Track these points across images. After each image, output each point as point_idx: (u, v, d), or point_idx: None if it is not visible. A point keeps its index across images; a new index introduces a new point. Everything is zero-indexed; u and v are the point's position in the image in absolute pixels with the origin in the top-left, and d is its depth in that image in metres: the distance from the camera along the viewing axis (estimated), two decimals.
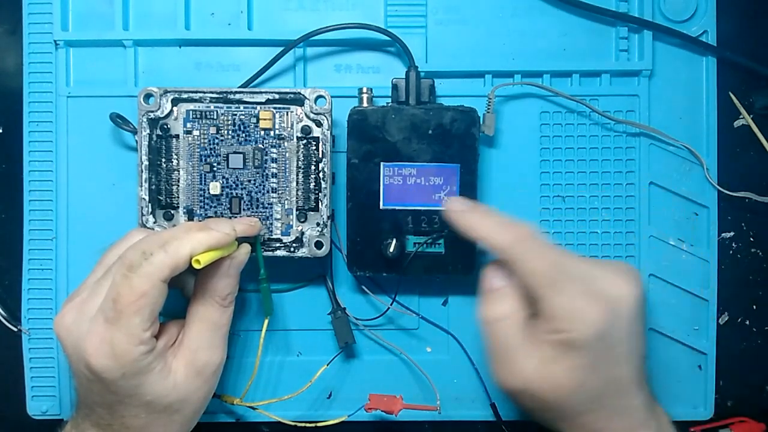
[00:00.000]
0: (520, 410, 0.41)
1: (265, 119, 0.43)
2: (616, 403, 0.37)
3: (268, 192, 0.43)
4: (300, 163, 0.43)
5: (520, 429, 0.48)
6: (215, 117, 0.43)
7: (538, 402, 0.37)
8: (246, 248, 0.40)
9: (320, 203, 0.43)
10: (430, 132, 0.43)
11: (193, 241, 0.36)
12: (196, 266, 0.36)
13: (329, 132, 0.43)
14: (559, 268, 0.36)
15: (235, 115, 0.43)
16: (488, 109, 0.45)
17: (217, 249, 0.37)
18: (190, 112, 0.43)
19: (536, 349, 0.36)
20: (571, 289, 0.35)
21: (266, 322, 0.43)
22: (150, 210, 0.43)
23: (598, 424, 0.37)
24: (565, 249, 0.39)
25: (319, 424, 0.45)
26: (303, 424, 0.45)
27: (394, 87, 0.44)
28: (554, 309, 0.35)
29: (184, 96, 0.43)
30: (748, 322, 0.49)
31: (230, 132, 0.43)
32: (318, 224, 0.43)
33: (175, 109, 0.43)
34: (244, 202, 0.43)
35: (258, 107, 0.43)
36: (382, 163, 0.43)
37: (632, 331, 0.36)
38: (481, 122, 0.44)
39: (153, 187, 0.43)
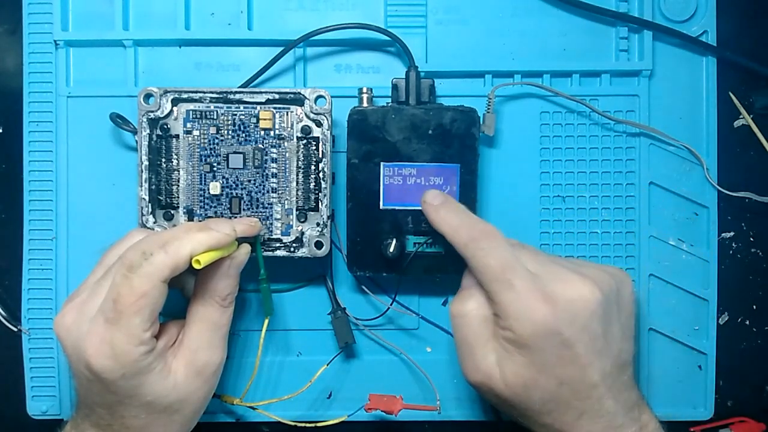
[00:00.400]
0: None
1: (265, 119, 0.43)
2: (581, 404, 0.36)
3: (268, 192, 0.43)
4: (300, 163, 0.43)
5: (520, 429, 0.47)
6: (215, 117, 0.43)
7: (497, 398, 0.38)
8: (246, 248, 0.40)
9: (320, 203, 0.43)
10: (430, 132, 0.43)
11: (193, 241, 0.36)
12: (196, 266, 0.36)
13: (329, 132, 0.43)
14: (509, 266, 0.36)
15: (235, 115, 0.43)
16: (488, 109, 0.45)
17: (217, 249, 0.37)
18: (190, 112, 0.43)
19: (494, 345, 0.37)
20: (519, 287, 0.36)
21: (266, 322, 0.43)
22: (150, 210, 0.43)
23: (563, 426, 0.37)
24: (534, 249, 0.40)
25: (319, 424, 0.45)
26: (303, 424, 0.45)
27: (394, 87, 0.44)
28: (503, 306, 0.36)
29: (184, 96, 0.43)
30: (748, 322, 0.49)
31: (230, 132, 0.43)
32: (318, 224, 0.43)
33: (175, 109, 0.43)
34: (244, 202, 0.43)
35: (258, 107, 0.43)
36: (382, 163, 0.43)
37: (593, 333, 0.36)
38: (481, 122, 0.44)
39: (153, 187, 0.43)
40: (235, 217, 0.43)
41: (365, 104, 0.44)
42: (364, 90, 0.44)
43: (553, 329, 0.35)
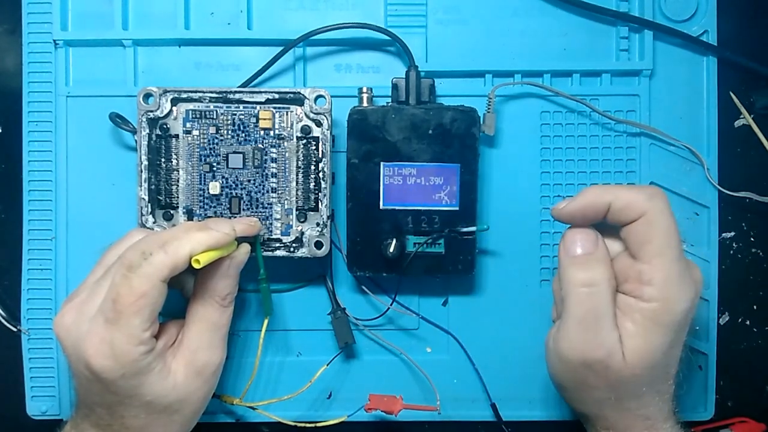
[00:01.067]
0: (569, 386, 0.39)
1: (264, 119, 0.43)
2: (663, 387, 0.38)
3: (267, 192, 0.43)
4: (300, 162, 0.43)
5: (520, 429, 0.47)
6: (215, 117, 0.43)
7: (604, 377, 0.36)
8: (246, 248, 0.40)
9: (320, 203, 0.43)
10: (430, 132, 0.43)
11: (193, 241, 0.36)
12: (196, 266, 0.36)
13: (329, 132, 0.43)
14: (674, 238, 0.35)
15: (235, 114, 0.43)
16: (488, 109, 0.45)
17: (217, 249, 0.37)
18: (190, 111, 0.43)
19: (624, 320, 0.36)
20: (681, 264, 0.36)
21: (266, 322, 0.42)
22: (149, 210, 0.43)
23: (642, 410, 0.37)
24: None
25: (318, 425, 0.44)
26: (303, 425, 0.45)
27: (394, 87, 0.44)
28: (660, 279, 0.35)
29: (184, 96, 0.43)
30: (748, 322, 0.49)
31: (230, 132, 0.43)
32: (318, 224, 0.43)
33: (174, 108, 0.43)
34: (244, 202, 0.43)
35: (258, 107, 0.43)
36: (382, 163, 0.43)
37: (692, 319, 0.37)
38: (481, 122, 0.44)
39: (152, 187, 0.43)
40: (235, 217, 0.43)
41: (365, 104, 0.44)
42: (364, 90, 0.44)
43: (691, 309, 0.36)
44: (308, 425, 0.45)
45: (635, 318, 0.36)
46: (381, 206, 0.43)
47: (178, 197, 0.43)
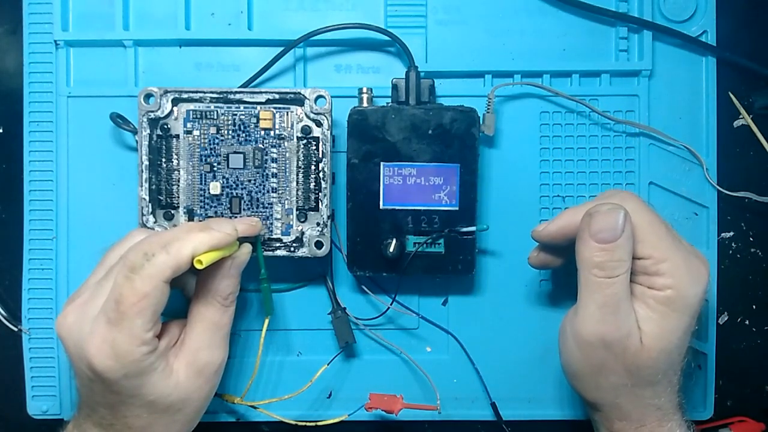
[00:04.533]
0: (585, 371, 0.39)
1: (265, 119, 0.43)
2: (674, 378, 0.39)
3: (268, 192, 0.43)
4: (300, 163, 0.43)
5: (520, 429, 0.48)
6: (215, 117, 0.43)
7: (622, 360, 0.37)
8: (247, 248, 0.40)
9: (320, 203, 0.43)
10: (430, 132, 0.43)
11: (195, 241, 0.36)
12: (198, 267, 0.36)
13: (329, 132, 0.43)
14: (659, 229, 0.37)
15: (236, 115, 0.43)
16: (488, 109, 0.45)
17: (219, 249, 0.37)
18: (191, 112, 0.43)
19: (639, 306, 0.37)
20: (687, 248, 0.38)
21: (266, 322, 0.43)
22: (150, 210, 0.43)
23: (655, 399, 0.38)
24: None
25: (319, 423, 0.45)
26: (303, 424, 0.45)
27: (394, 87, 0.44)
28: (671, 264, 0.36)
29: (185, 96, 0.43)
30: (748, 322, 0.49)
31: (230, 132, 0.43)
32: (318, 224, 0.43)
33: (175, 109, 0.43)
34: (244, 202, 0.43)
35: (258, 107, 0.43)
36: (382, 163, 0.43)
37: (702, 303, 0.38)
38: (481, 122, 0.44)
39: (153, 187, 0.43)
40: (236, 217, 0.43)
41: (365, 104, 0.44)
42: (364, 90, 0.44)
43: (702, 293, 0.37)
44: (309, 424, 0.45)
45: (650, 303, 0.37)
46: (381, 206, 0.43)
47: (178, 197, 0.43)
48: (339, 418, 0.45)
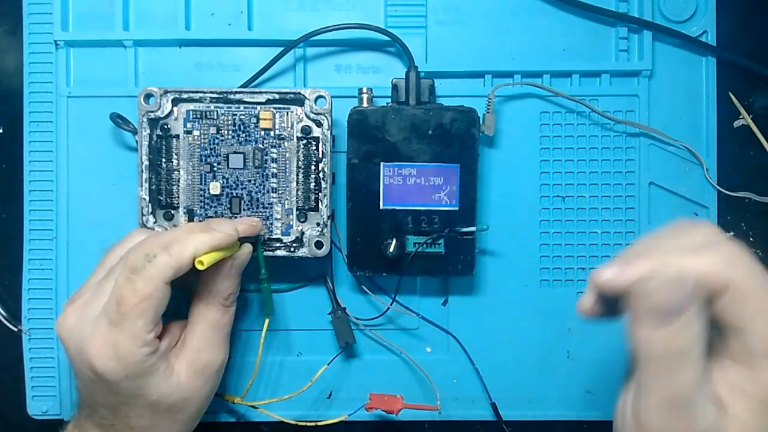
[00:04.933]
0: None
1: (265, 119, 0.43)
2: None
3: (268, 192, 0.43)
4: (300, 163, 0.43)
5: (520, 429, 0.48)
6: (215, 117, 0.43)
7: None
8: (248, 248, 0.40)
9: (320, 203, 0.43)
10: (430, 132, 0.43)
11: (196, 242, 0.36)
12: (200, 267, 0.36)
13: (329, 132, 0.43)
14: None
15: (236, 115, 0.43)
16: (488, 109, 0.45)
17: (220, 250, 0.37)
18: (191, 112, 0.43)
19: (729, 396, 0.28)
20: None
21: (266, 322, 0.43)
22: (150, 210, 0.43)
23: None
24: None
25: (319, 423, 0.45)
26: (303, 424, 0.45)
27: (394, 87, 0.44)
28: None
29: (185, 96, 0.43)
30: None
31: (230, 132, 0.43)
32: (318, 224, 0.43)
33: (175, 109, 0.43)
34: (244, 202, 0.43)
35: (258, 107, 0.43)
36: (382, 163, 0.43)
37: None
38: (481, 122, 0.44)
39: (153, 187, 0.43)
40: (236, 217, 0.43)
41: (365, 104, 0.44)
42: (364, 90, 0.44)
43: None
44: (309, 424, 0.45)
45: (746, 393, 0.28)
46: (381, 206, 0.43)
47: (178, 197, 0.43)
48: (339, 418, 0.45)
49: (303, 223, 0.43)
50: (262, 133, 0.43)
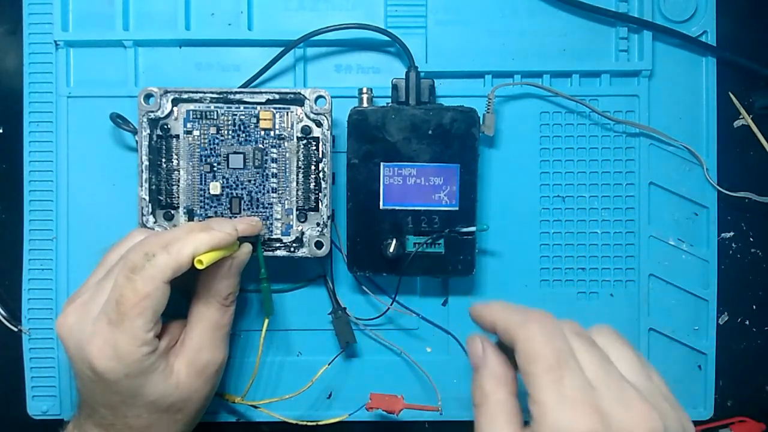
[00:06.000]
0: None
1: (265, 119, 0.43)
2: None
3: (268, 192, 0.43)
4: (300, 163, 0.43)
5: None
6: (215, 117, 0.43)
7: None
8: (247, 248, 0.40)
9: (320, 203, 0.43)
10: (430, 132, 0.43)
11: (196, 241, 0.36)
12: (199, 267, 0.36)
13: (329, 132, 0.43)
14: (563, 360, 0.29)
15: (236, 115, 0.43)
16: (488, 109, 0.45)
17: (219, 249, 0.37)
18: (191, 112, 0.43)
19: None
20: (569, 390, 0.28)
21: (266, 322, 0.43)
22: (150, 210, 0.43)
23: None
24: (599, 351, 0.31)
25: (320, 423, 0.45)
26: (304, 423, 0.45)
27: (394, 87, 0.44)
28: (541, 407, 0.28)
29: (185, 96, 0.43)
30: (748, 322, 0.49)
31: (230, 132, 0.43)
32: (318, 224, 0.43)
33: (175, 109, 0.43)
34: (244, 202, 0.43)
35: (258, 107, 0.43)
36: (382, 164, 0.43)
37: None
38: (481, 122, 0.44)
39: (153, 187, 0.43)
40: (236, 218, 0.43)
41: (365, 104, 0.44)
42: (364, 90, 0.44)
43: None
44: (309, 424, 0.45)
45: None
46: (381, 206, 0.43)
47: (178, 197, 0.43)
48: (339, 418, 0.45)
49: (303, 223, 0.43)
50: (262, 133, 0.43)
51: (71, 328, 0.37)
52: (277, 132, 0.43)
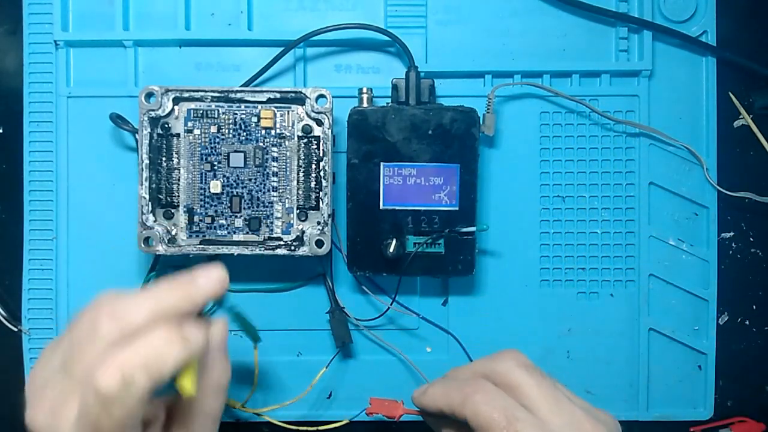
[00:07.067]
0: None
1: (266, 118, 0.43)
2: None
3: (268, 191, 0.43)
4: (301, 161, 0.43)
5: None
6: (216, 116, 0.43)
7: None
8: (220, 325, 0.35)
9: (321, 202, 0.43)
10: (430, 132, 0.43)
11: (177, 359, 0.31)
12: (190, 395, 0.32)
13: (330, 131, 0.43)
14: (513, 417, 0.32)
15: (236, 114, 0.43)
16: (488, 109, 0.45)
17: (191, 362, 0.32)
18: (191, 111, 0.43)
19: None
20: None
21: (256, 350, 0.42)
22: (150, 209, 0.43)
23: None
24: (544, 382, 0.35)
25: (320, 428, 0.44)
26: (304, 429, 0.45)
27: (394, 87, 0.44)
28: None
29: (186, 95, 0.43)
30: (748, 322, 0.49)
31: (231, 131, 0.43)
32: (319, 223, 0.43)
33: (176, 108, 0.43)
34: (245, 200, 0.43)
35: (259, 106, 0.43)
36: (382, 163, 0.43)
37: None
38: (481, 122, 0.44)
39: (153, 185, 0.43)
40: (236, 216, 0.43)
41: (365, 104, 0.44)
42: (364, 90, 0.44)
43: None
44: (310, 429, 0.44)
45: None
46: (381, 206, 0.43)
47: (178, 196, 0.43)
48: (339, 423, 0.44)
49: (304, 222, 0.43)
50: (263, 131, 0.43)
51: (43, 428, 0.33)
52: (277, 131, 0.43)
